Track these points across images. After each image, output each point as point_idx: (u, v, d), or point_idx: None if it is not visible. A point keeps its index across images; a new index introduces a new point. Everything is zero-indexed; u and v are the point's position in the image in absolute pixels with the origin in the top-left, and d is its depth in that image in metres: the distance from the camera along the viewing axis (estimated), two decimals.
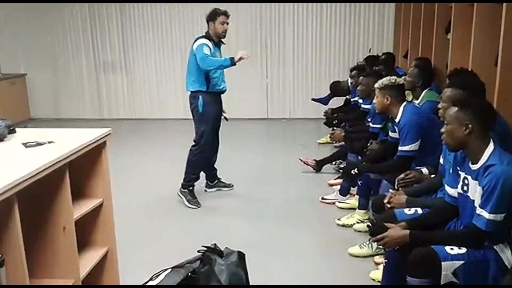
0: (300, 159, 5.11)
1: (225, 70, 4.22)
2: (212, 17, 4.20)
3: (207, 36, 4.19)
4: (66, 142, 2.27)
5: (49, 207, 2.18)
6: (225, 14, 4.19)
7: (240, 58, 4.01)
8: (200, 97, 4.17)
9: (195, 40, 4.19)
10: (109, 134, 2.55)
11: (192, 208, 4.18)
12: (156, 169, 5.36)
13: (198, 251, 1.98)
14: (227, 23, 4.21)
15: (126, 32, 8.03)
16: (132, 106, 8.32)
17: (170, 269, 2.04)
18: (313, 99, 6.29)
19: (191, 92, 4.24)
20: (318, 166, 5.01)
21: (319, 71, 7.80)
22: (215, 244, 2.05)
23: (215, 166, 4.59)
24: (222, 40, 4.29)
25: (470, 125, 2.07)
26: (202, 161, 4.35)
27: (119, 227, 2.69)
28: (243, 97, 7.75)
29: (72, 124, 6.74)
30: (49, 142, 2.24)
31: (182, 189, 4.31)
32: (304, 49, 7.80)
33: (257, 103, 7.94)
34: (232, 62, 4.03)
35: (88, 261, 2.44)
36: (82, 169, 2.47)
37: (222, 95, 4.39)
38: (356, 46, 7.69)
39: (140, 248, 3.37)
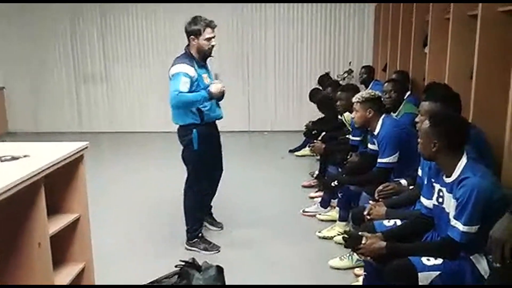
0: (303, 186, 5.03)
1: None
2: (195, 30, 3.39)
3: (187, 56, 3.43)
4: (42, 156, 2.23)
5: (23, 223, 2.13)
6: (211, 26, 3.41)
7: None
8: (195, 131, 3.44)
9: (173, 63, 3.43)
10: (86, 147, 2.52)
11: (213, 253, 3.52)
12: (136, 184, 5.30)
13: (176, 266, 1.96)
14: (214, 37, 3.43)
15: (107, 43, 8.00)
16: (112, 119, 8.26)
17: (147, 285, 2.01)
18: (290, 151, 6.44)
19: (181, 126, 3.52)
20: (320, 180, 4.81)
21: (300, 83, 7.86)
22: (193, 258, 2.03)
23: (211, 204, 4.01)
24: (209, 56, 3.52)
25: (436, 144, 2.12)
26: (200, 201, 3.70)
27: (97, 242, 2.65)
28: (224, 110, 7.73)
29: (51, 138, 6.60)
30: (25, 156, 2.20)
31: (191, 242, 3.59)
32: (286, 61, 7.88)
33: (238, 115, 7.94)
34: (210, 96, 3.41)
35: (64, 277, 2.39)
36: (58, 183, 2.43)
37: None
38: (337, 59, 7.79)
39: (117, 264, 3.31)
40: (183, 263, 1.94)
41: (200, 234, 3.65)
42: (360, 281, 2.86)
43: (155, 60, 7.91)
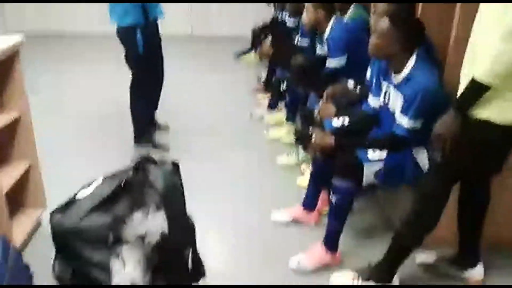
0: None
1: None
2: None
3: None
4: None
5: None
6: None
7: None
8: (138, 33, 3.24)
9: None
10: (22, 42, 2.35)
11: (163, 152, 3.46)
12: (81, 87, 5.11)
13: (132, 160, 1.95)
14: None
15: None
16: (45, 18, 7.61)
17: (101, 179, 1.99)
18: (237, 55, 6.21)
19: (122, 27, 3.29)
20: (268, 83, 4.80)
21: None
22: (149, 153, 2.03)
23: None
24: None
25: (398, 41, 2.13)
26: (146, 102, 3.64)
27: (42, 143, 2.59)
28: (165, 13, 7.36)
29: None
30: None
31: (140, 141, 3.58)
32: None
33: (180, 19, 7.56)
34: None
35: (10, 176, 2.34)
36: None
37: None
38: None
39: (66, 162, 3.28)
40: (139, 157, 1.93)
41: (148, 134, 3.63)
42: (305, 176, 3.01)
43: None
